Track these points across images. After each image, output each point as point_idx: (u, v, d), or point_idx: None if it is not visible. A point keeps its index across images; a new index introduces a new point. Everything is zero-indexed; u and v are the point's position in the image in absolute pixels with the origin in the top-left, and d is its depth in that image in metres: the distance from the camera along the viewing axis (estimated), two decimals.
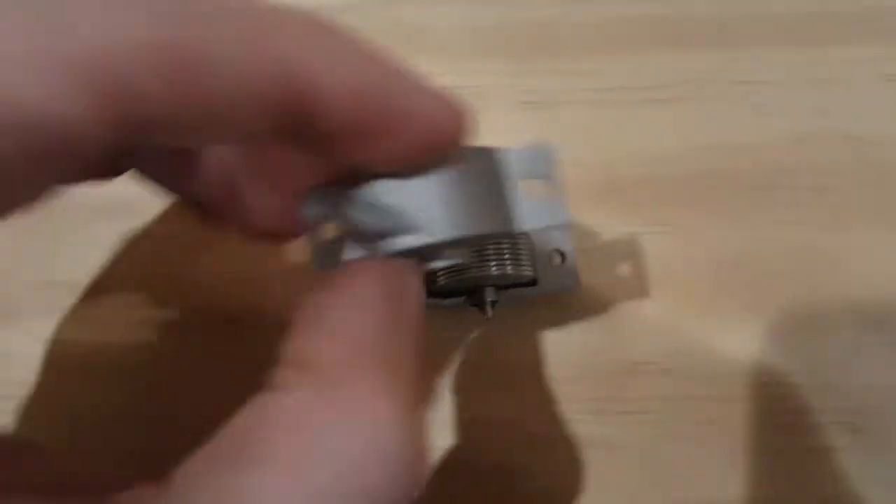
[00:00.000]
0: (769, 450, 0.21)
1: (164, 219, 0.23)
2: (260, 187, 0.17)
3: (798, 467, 0.21)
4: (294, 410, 0.12)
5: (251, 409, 0.13)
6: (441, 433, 0.21)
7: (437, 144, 0.13)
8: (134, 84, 0.10)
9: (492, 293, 0.21)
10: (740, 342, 0.22)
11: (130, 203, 0.22)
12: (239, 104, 0.11)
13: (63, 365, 0.22)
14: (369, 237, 0.15)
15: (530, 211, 0.16)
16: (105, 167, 0.16)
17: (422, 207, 0.14)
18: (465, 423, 0.21)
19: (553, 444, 0.21)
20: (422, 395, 0.14)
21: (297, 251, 0.22)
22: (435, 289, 0.20)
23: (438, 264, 0.16)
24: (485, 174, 0.15)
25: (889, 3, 0.25)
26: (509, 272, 0.20)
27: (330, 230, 0.16)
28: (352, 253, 0.15)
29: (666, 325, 0.22)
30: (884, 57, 0.25)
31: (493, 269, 0.20)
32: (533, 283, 0.21)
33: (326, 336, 0.13)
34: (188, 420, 0.16)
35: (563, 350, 0.22)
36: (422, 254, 0.15)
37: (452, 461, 0.21)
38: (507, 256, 0.20)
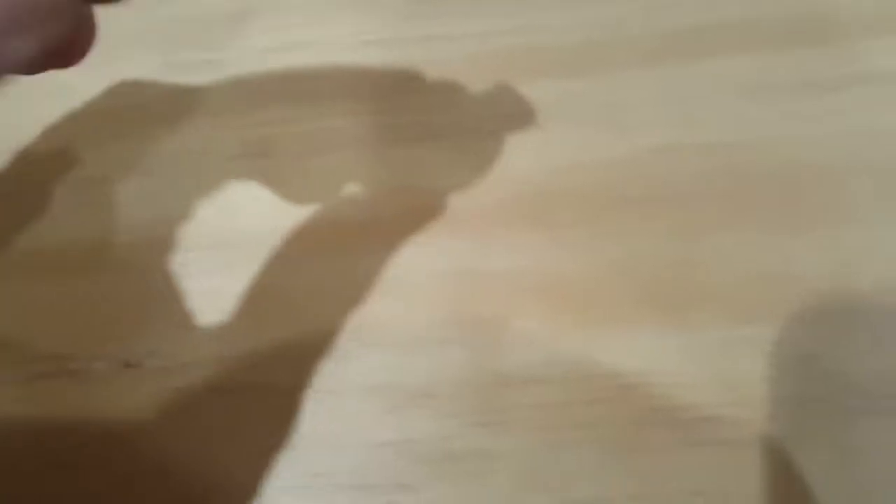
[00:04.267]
0: (646, 447, 0.22)
1: None
2: None
3: (675, 462, 0.22)
4: None
5: None
6: (326, 454, 0.22)
7: None
8: None
9: None
10: (613, 347, 0.23)
11: None
12: None
13: None
14: None
15: None
16: None
17: None
18: (347, 446, 0.22)
19: (434, 460, 0.22)
20: None
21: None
22: None
23: None
24: None
25: (740, 16, 0.27)
26: None
27: None
28: None
29: (539, 337, 0.23)
30: (740, 68, 0.26)
31: None
32: None
33: None
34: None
35: (437, 368, 0.23)
36: None
37: (338, 481, 0.22)
38: None
